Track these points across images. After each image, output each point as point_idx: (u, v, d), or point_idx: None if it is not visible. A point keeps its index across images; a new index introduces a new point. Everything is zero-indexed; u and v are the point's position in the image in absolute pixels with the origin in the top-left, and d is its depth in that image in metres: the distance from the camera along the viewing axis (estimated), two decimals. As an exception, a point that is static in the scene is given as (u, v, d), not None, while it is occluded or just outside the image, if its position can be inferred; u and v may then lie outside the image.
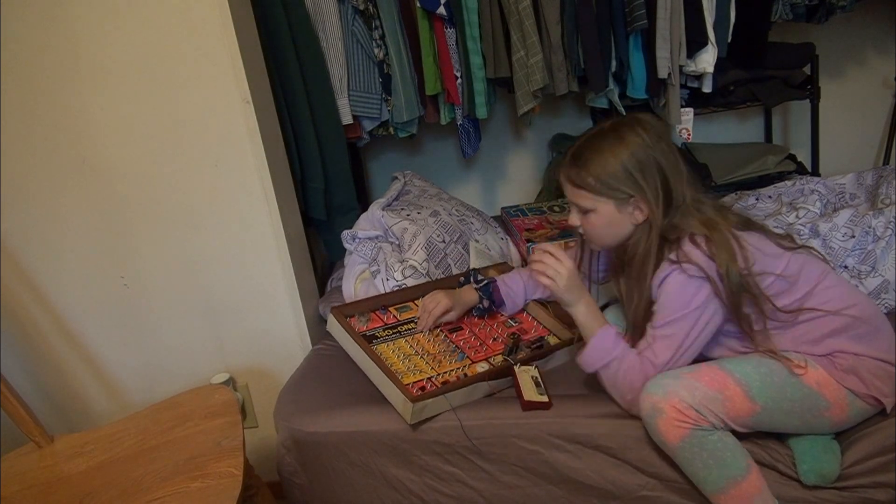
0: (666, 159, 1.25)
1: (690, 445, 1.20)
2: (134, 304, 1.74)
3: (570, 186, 1.31)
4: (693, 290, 1.23)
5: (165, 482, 1.24)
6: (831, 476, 1.23)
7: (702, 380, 1.21)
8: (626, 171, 1.24)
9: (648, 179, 1.24)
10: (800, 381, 1.23)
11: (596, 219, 1.30)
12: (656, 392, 1.22)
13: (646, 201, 1.25)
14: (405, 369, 1.44)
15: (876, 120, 2.36)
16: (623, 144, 1.25)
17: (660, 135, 1.27)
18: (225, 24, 1.49)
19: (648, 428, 1.25)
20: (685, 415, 1.19)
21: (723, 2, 1.79)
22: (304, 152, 1.85)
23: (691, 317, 1.24)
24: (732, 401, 1.20)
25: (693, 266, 1.22)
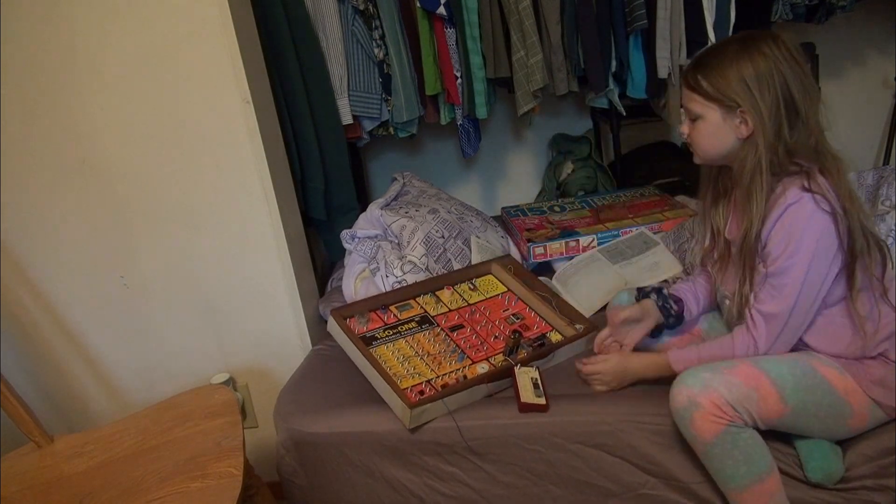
0: (795, 78, 1.19)
1: (723, 442, 1.19)
2: (134, 304, 1.74)
3: (686, 89, 1.27)
4: (824, 224, 1.16)
5: (165, 482, 1.24)
6: (837, 476, 1.23)
7: (739, 376, 1.19)
8: (741, 81, 1.18)
9: (764, 93, 1.18)
10: (831, 387, 1.22)
11: (703, 126, 1.25)
12: (694, 385, 1.19)
13: (754, 114, 1.19)
14: (404, 372, 1.44)
15: (876, 120, 2.37)
16: (746, 53, 1.19)
17: (793, 54, 1.19)
18: (225, 25, 1.49)
19: (681, 421, 1.22)
20: (722, 411, 1.17)
21: (723, 2, 1.79)
22: (304, 152, 1.85)
23: (818, 255, 1.17)
24: (766, 400, 1.19)
25: (825, 200, 1.16)
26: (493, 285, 1.73)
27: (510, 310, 1.65)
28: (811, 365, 1.23)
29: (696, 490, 1.31)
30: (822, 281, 1.19)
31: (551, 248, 1.84)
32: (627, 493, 1.36)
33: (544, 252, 1.85)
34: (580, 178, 2.34)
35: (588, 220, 1.95)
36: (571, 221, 1.96)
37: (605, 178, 2.35)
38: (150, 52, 1.52)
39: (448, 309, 1.64)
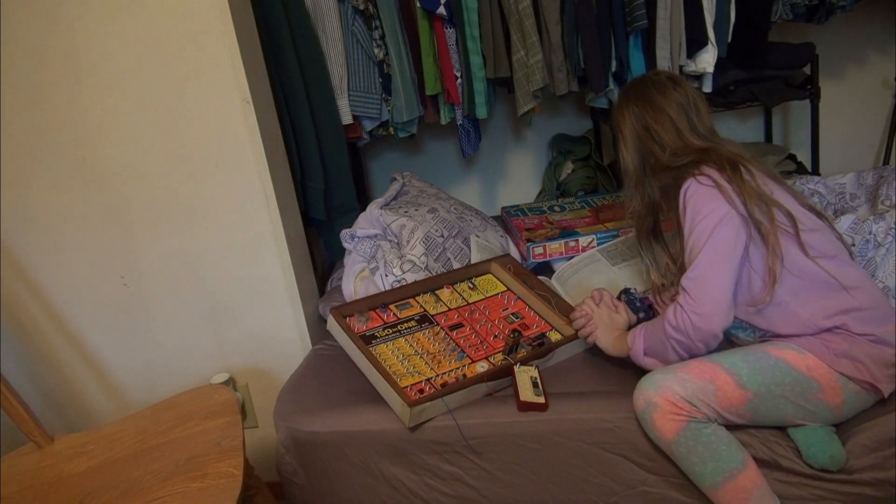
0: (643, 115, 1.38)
1: (686, 439, 1.22)
2: (134, 304, 1.75)
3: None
4: (706, 193, 1.28)
5: (165, 482, 1.24)
6: (839, 459, 1.23)
7: (692, 372, 1.24)
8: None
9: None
10: (789, 365, 1.24)
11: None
12: (648, 388, 1.24)
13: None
14: (404, 371, 1.44)
15: (876, 120, 2.36)
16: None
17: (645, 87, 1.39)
18: (225, 25, 1.49)
19: (644, 424, 1.27)
20: (679, 407, 1.21)
21: (723, 2, 1.79)
22: (304, 152, 1.85)
23: (708, 219, 1.27)
24: (724, 390, 1.22)
25: (705, 177, 1.29)
26: (493, 284, 1.74)
27: (510, 309, 1.65)
28: (763, 349, 1.27)
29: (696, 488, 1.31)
30: (731, 237, 1.26)
31: (551, 247, 1.85)
32: (627, 490, 1.36)
33: (544, 252, 1.85)
34: (580, 178, 2.34)
35: (588, 220, 1.96)
36: (571, 221, 1.96)
37: (605, 178, 2.35)
38: (151, 52, 1.52)
39: (448, 308, 1.64)
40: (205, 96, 1.55)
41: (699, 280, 1.26)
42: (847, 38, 2.26)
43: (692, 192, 1.30)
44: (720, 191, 1.27)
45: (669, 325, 1.28)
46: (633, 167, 1.41)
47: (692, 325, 1.25)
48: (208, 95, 1.54)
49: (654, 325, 1.34)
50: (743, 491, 1.22)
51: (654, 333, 1.33)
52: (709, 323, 1.25)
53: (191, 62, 1.52)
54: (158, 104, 1.56)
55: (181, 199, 1.64)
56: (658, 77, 1.42)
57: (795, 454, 1.27)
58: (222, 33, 1.50)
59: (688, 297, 1.26)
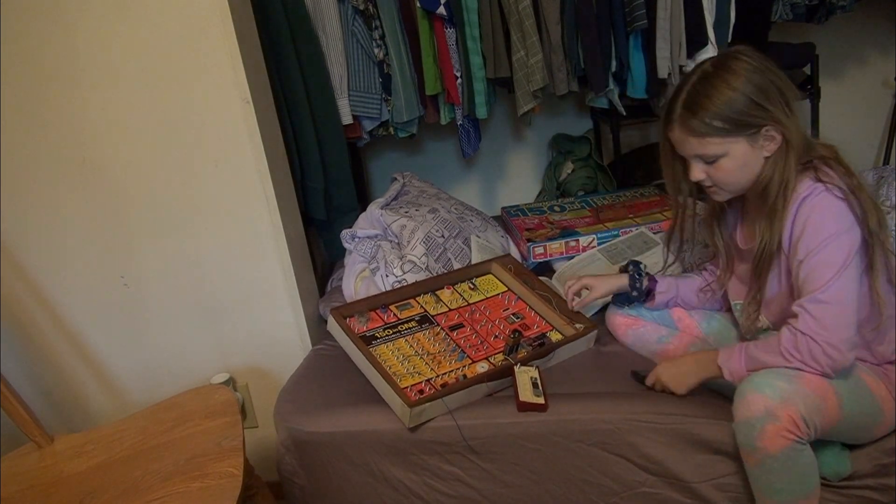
0: (781, 79, 1.19)
1: (787, 458, 1.13)
2: (134, 304, 1.74)
3: (691, 138, 1.20)
4: (844, 210, 1.13)
5: (165, 482, 1.24)
6: (843, 473, 1.23)
7: (809, 386, 1.13)
8: (750, 100, 1.16)
9: (774, 102, 1.17)
10: (871, 394, 1.20)
11: (728, 163, 1.20)
12: (772, 397, 1.11)
13: (779, 125, 1.17)
14: (404, 371, 1.44)
15: (876, 120, 2.37)
16: (735, 75, 1.17)
17: (764, 63, 1.19)
18: (225, 25, 1.49)
19: (748, 429, 1.13)
20: (798, 426, 1.10)
21: (723, 2, 1.79)
22: (304, 152, 1.85)
23: (844, 236, 1.13)
24: (828, 410, 1.14)
25: (836, 187, 1.14)
26: (493, 285, 1.73)
27: (510, 309, 1.65)
28: (855, 372, 1.20)
29: (696, 489, 1.31)
30: (856, 260, 1.14)
31: (551, 247, 1.85)
32: (627, 491, 1.36)
33: (544, 252, 1.85)
34: (580, 178, 2.34)
35: (588, 220, 1.96)
36: (571, 221, 1.96)
37: (605, 178, 2.35)
38: (151, 51, 1.52)
39: (448, 308, 1.64)
40: (205, 96, 1.55)
41: (834, 308, 1.12)
42: (847, 38, 2.26)
43: (820, 203, 1.14)
44: (848, 204, 1.14)
45: (792, 354, 1.14)
46: (789, 122, 1.19)
47: (826, 356, 1.12)
48: (208, 95, 1.54)
49: (757, 350, 1.19)
50: None
51: (758, 359, 1.18)
52: (844, 357, 1.12)
53: (191, 62, 1.52)
54: (158, 104, 1.56)
55: (181, 199, 1.64)
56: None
57: None
58: (222, 33, 1.49)
59: (818, 325, 1.12)
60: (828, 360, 1.12)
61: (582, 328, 1.55)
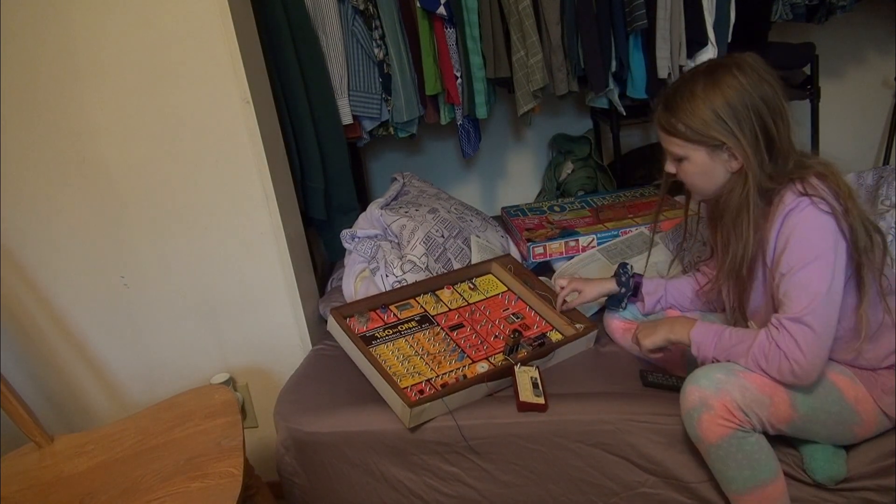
0: (767, 104, 1.16)
1: (728, 446, 1.17)
2: (134, 304, 1.75)
3: (662, 132, 1.25)
4: (829, 226, 1.12)
5: (165, 482, 1.24)
6: (839, 478, 1.23)
7: (755, 382, 1.17)
8: (717, 117, 1.16)
9: (744, 125, 1.16)
10: (842, 394, 1.20)
11: (689, 167, 1.24)
12: (708, 387, 1.16)
13: (739, 149, 1.17)
14: (404, 371, 1.44)
15: (876, 120, 2.37)
16: (716, 88, 1.17)
17: (762, 77, 1.17)
18: (225, 24, 1.49)
19: (689, 420, 1.20)
20: (733, 415, 1.15)
21: (723, 2, 1.79)
22: (304, 152, 1.85)
23: (828, 256, 1.12)
24: (777, 406, 1.17)
25: (823, 201, 1.12)
26: (493, 285, 1.73)
27: (510, 309, 1.65)
28: (824, 373, 1.21)
29: (695, 489, 1.31)
30: (840, 279, 1.14)
31: (551, 247, 1.84)
32: (627, 491, 1.36)
33: (544, 252, 1.85)
34: (580, 178, 2.34)
35: (588, 220, 1.96)
36: (571, 221, 1.96)
37: (605, 178, 2.35)
38: (150, 51, 1.52)
39: (448, 308, 1.64)
40: (205, 96, 1.55)
41: (814, 331, 1.12)
42: (847, 38, 2.26)
43: (805, 217, 1.13)
44: (834, 218, 1.12)
45: (760, 360, 1.17)
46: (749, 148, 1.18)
47: (792, 373, 1.14)
48: (208, 95, 1.54)
49: (730, 342, 1.21)
50: (768, 499, 1.20)
51: (728, 350, 1.21)
52: (809, 377, 1.15)
53: (191, 62, 1.52)
54: (158, 104, 1.56)
55: (181, 199, 1.64)
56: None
57: (797, 462, 1.27)
58: (222, 33, 1.49)
59: (795, 346, 1.13)
60: (792, 377, 1.15)
61: (582, 328, 1.55)
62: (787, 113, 1.19)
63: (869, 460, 1.25)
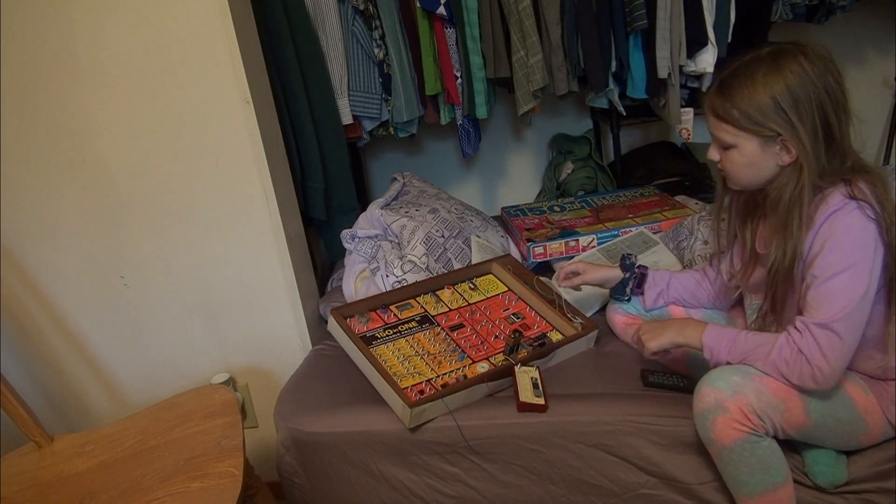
0: (830, 96, 1.10)
1: (741, 450, 1.16)
2: (134, 304, 1.74)
3: (712, 117, 1.17)
4: (872, 232, 1.08)
5: (165, 482, 1.24)
6: (840, 482, 1.24)
7: (770, 386, 1.15)
8: (777, 107, 1.09)
9: (804, 117, 1.09)
10: (853, 403, 1.20)
11: (736, 155, 1.17)
12: (724, 389, 1.14)
13: (797, 142, 1.10)
14: (404, 371, 1.44)
15: (876, 120, 2.36)
16: (778, 74, 1.09)
17: (827, 67, 1.10)
18: (225, 24, 1.49)
19: (702, 421, 1.17)
20: (748, 419, 1.13)
21: (723, 2, 1.79)
22: (304, 152, 1.85)
23: (866, 265, 1.08)
24: (791, 412, 1.16)
25: (870, 206, 1.07)
26: (494, 285, 1.73)
27: (510, 309, 1.65)
28: (841, 381, 1.19)
29: (696, 490, 1.31)
30: (873, 288, 1.11)
31: (551, 247, 1.85)
32: (627, 492, 1.36)
33: (544, 252, 1.85)
34: (580, 178, 2.34)
35: (588, 220, 1.96)
36: (571, 221, 1.96)
37: (605, 178, 2.35)
38: (150, 51, 1.52)
39: (448, 308, 1.64)
40: (205, 96, 1.55)
41: (840, 341, 1.10)
42: (847, 38, 2.26)
43: (848, 221, 1.09)
44: (878, 225, 1.08)
45: (780, 365, 1.14)
46: (808, 142, 1.11)
47: (813, 379, 1.12)
48: (208, 95, 1.54)
49: (747, 346, 1.19)
50: (777, 503, 1.19)
51: (745, 355, 1.18)
52: (829, 384, 1.13)
53: (191, 62, 1.52)
54: (158, 104, 1.56)
55: (181, 199, 1.64)
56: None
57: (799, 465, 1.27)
58: (222, 33, 1.49)
59: (819, 352, 1.10)
60: (813, 383, 1.13)
61: (582, 328, 1.55)
62: (849, 108, 1.13)
63: (870, 464, 1.25)
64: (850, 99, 1.13)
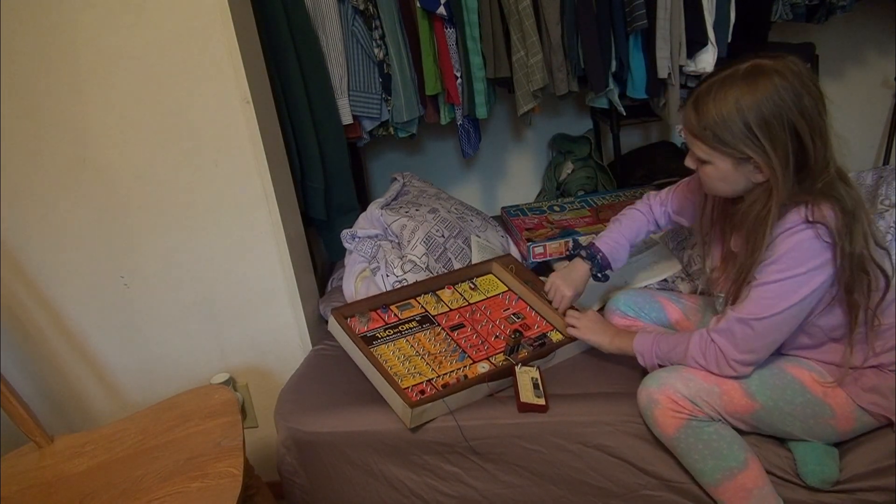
0: (806, 119, 1.09)
1: (686, 436, 1.22)
2: (134, 304, 1.74)
3: (687, 132, 1.18)
4: (818, 252, 1.10)
5: (165, 482, 1.24)
6: (832, 480, 1.23)
7: (698, 374, 1.23)
8: (748, 129, 1.09)
9: (776, 143, 1.09)
10: (804, 387, 1.22)
11: (710, 170, 1.18)
12: (652, 384, 1.24)
13: (768, 167, 1.10)
14: (405, 371, 1.44)
15: (876, 120, 2.36)
16: (752, 97, 1.08)
17: (805, 87, 1.09)
18: (225, 24, 1.49)
19: (647, 420, 1.27)
20: (680, 405, 1.21)
21: (723, 2, 1.79)
22: (304, 152, 1.85)
23: (804, 281, 1.11)
24: (729, 395, 1.21)
25: (827, 230, 1.09)
26: (494, 285, 1.73)
27: (511, 309, 1.65)
28: (779, 365, 1.25)
29: (696, 491, 1.31)
30: (806, 308, 1.15)
31: (551, 247, 1.85)
32: (628, 493, 1.36)
33: (544, 251, 1.85)
34: (580, 178, 2.34)
35: (588, 220, 1.96)
36: (571, 221, 1.96)
37: (605, 178, 2.35)
38: (151, 51, 1.52)
39: (449, 308, 1.64)
40: (205, 96, 1.54)
41: (756, 337, 1.17)
42: (847, 38, 2.26)
43: (800, 241, 1.11)
44: (832, 249, 1.10)
45: (698, 358, 1.22)
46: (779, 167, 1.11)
47: (730, 370, 1.20)
48: (208, 95, 1.54)
49: (667, 347, 1.28)
50: (742, 490, 1.22)
51: (667, 355, 1.28)
52: (738, 372, 1.21)
53: (191, 62, 1.52)
54: (159, 104, 1.56)
55: (181, 199, 1.64)
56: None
57: (792, 464, 1.27)
58: (222, 33, 1.49)
59: (731, 342, 1.18)
60: (731, 370, 1.21)
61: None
62: (826, 128, 1.12)
63: (866, 461, 1.24)
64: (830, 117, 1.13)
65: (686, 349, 1.24)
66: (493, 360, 1.48)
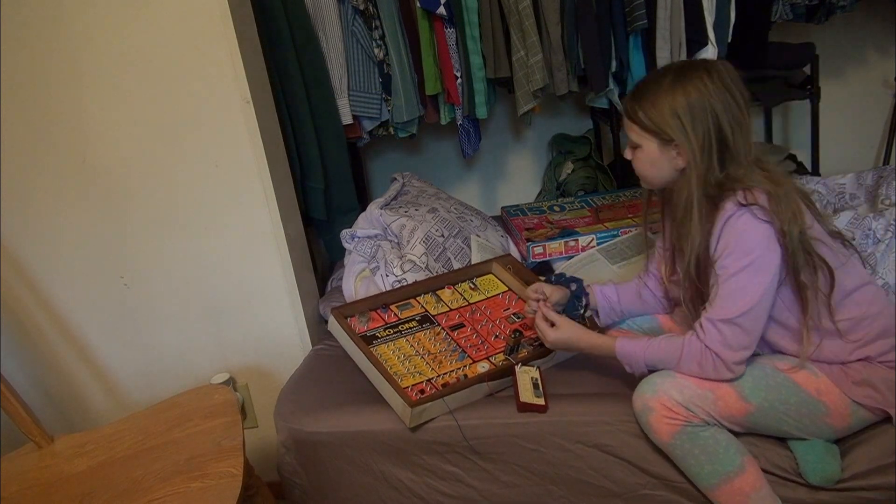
0: (727, 110, 1.20)
1: (682, 441, 1.23)
2: (134, 304, 1.74)
3: (625, 117, 1.29)
4: (765, 232, 1.17)
5: (165, 482, 1.24)
6: (834, 478, 1.23)
7: (692, 380, 1.23)
8: (674, 114, 1.20)
9: (697, 127, 1.20)
10: (797, 385, 1.23)
11: (641, 154, 1.28)
12: (647, 391, 1.25)
13: (687, 148, 1.21)
14: (405, 371, 1.44)
15: (876, 120, 2.37)
16: (681, 86, 1.21)
17: (727, 87, 1.21)
18: (225, 24, 1.49)
19: (642, 426, 1.28)
20: (674, 412, 1.21)
21: (723, 2, 1.79)
22: (304, 152, 1.85)
23: (762, 262, 1.17)
24: (724, 399, 1.22)
25: (762, 209, 1.17)
26: (494, 284, 1.73)
27: (511, 309, 1.65)
28: (771, 365, 1.25)
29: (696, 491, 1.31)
30: (771, 286, 1.19)
31: (550, 247, 1.85)
32: (628, 493, 1.36)
33: (543, 252, 1.85)
34: (580, 178, 2.34)
35: (587, 220, 1.96)
36: (571, 221, 1.96)
37: (604, 178, 2.35)
38: (151, 51, 1.52)
39: (449, 308, 1.64)
40: (205, 96, 1.55)
41: (744, 333, 1.19)
42: (847, 38, 2.26)
43: (743, 225, 1.17)
44: (773, 226, 1.17)
45: (693, 366, 1.23)
46: (697, 150, 1.21)
47: (728, 372, 1.21)
48: (208, 95, 1.54)
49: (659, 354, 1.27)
50: (740, 493, 1.22)
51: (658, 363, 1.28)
52: (736, 373, 1.22)
53: (191, 62, 1.52)
54: (158, 104, 1.56)
55: (181, 199, 1.64)
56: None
57: (793, 463, 1.27)
58: (222, 33, 1.49)
59: (725, 345, 1.19)
60: (729, 373, 1.21)
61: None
62: (747, 123, 1.23)
63: (867, 459, 1.24)
64: (748, 116, 1.23)
65: (679, 359, 1.24)
66: (493, 360, 1.48)
